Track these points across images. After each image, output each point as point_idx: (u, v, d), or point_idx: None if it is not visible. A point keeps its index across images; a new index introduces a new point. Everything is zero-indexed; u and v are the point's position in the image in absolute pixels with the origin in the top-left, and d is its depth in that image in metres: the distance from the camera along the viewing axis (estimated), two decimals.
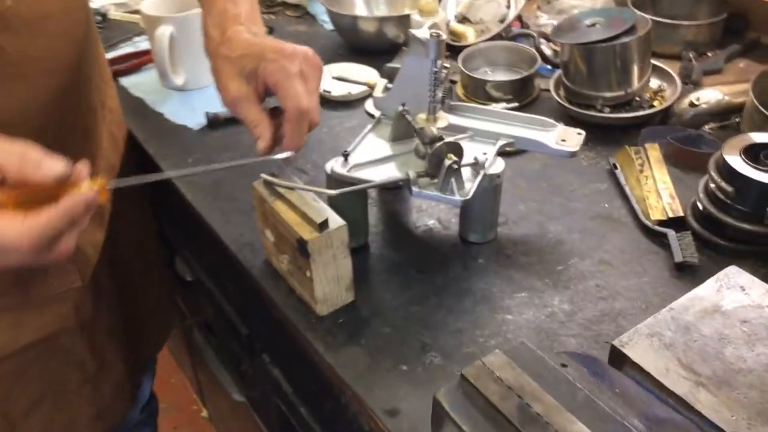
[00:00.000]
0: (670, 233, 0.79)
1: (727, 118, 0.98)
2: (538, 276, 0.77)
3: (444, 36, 0.74)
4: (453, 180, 0.71)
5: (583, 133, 0.80)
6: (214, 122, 1.09)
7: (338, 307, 0.74)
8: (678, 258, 0.76)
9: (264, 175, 0.72)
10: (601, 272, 0.77)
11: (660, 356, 0.49)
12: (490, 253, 0.81)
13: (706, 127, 0.97)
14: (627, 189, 0.87)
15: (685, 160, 0.91)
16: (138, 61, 1.22)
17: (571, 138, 0.80)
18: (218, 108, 1.02)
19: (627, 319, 0.72)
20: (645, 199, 0.85)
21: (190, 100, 1.16)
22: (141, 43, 1.30)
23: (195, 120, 1.10)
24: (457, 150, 0.72)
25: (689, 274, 0.76)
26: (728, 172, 0.74)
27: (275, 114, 0.71)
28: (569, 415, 0.40)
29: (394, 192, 0.90)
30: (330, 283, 0.72)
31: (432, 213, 0.87)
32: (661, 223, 0.81)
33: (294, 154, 0.69)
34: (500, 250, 0.81)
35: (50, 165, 0.55)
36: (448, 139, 0.72)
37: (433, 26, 0.79)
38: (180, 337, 1.53)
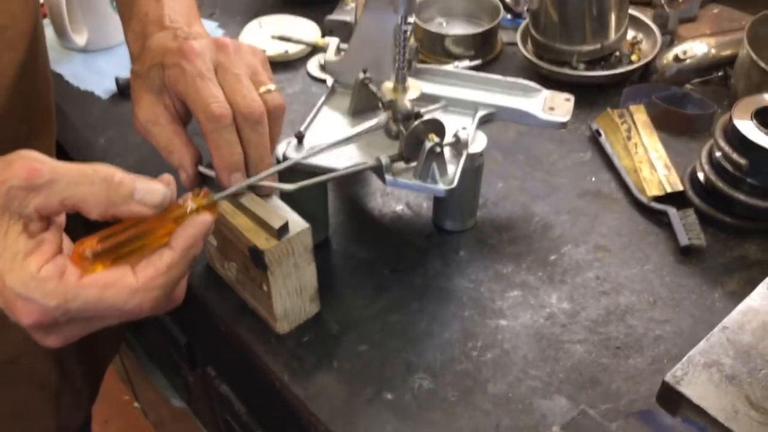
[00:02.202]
0: (672, 212, 0.70)
1: (709, 73, 0.89)
2: (530, 269, 0.67)
3: None
4: (434, 165, 0.59)
5: (572, 98, 0.69)
6: (126, 89, 0.91)
7: (302, 321, 0.62)
8: (684, 242, 0.67)
9: (202, 168, 0.58)
10: (599, 260, 0.68)
11: (723, 393, 0.40)
12: (471, 243, 0.70)
13: (688, 85, 0.89)
14: (615, 159, 0.77)
15: (673, 122, 0.81)
16: None
17: (560, 105, 0.69)
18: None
19: (635, 316, 0.63)
20: (637, 170, 0.75)
21: (95, 63, 0.98)
22: None
23: (103, 86, 0.94)
24: (439, 129, 0.59)
25: (695, 257, 0.68)
26: (740, 141, 0.65)
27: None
28: None
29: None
30: (291, 296, 0.59)
31: (399, 197, 0.75)
32: (657, 198, 0.72)
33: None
34: (483, 240, 0.70)
35: (148, 191, 0.42)
36: (426, 116, 0.59)
37: None
38: None
